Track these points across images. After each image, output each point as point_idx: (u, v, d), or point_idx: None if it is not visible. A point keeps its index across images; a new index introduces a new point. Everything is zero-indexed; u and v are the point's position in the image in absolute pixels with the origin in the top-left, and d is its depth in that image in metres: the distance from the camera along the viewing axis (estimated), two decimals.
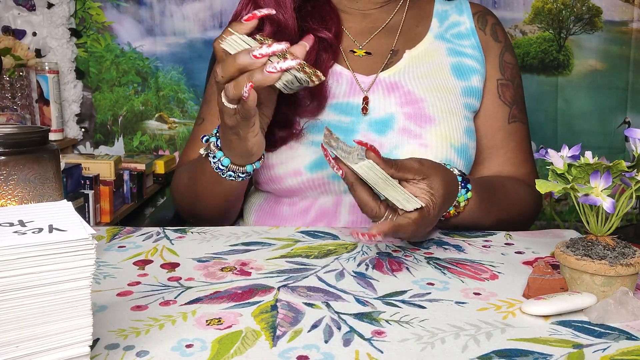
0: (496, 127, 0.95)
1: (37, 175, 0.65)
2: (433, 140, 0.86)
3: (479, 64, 0.95)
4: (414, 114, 0.88)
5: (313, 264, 0.68)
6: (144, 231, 0.80)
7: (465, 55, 0.95)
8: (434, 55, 0.94)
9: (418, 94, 0.90)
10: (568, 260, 0.56)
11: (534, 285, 0.57)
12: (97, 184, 1.76)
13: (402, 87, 0.90)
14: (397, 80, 0.91)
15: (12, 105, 1.85)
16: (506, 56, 0.98)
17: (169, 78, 2.09)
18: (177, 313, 0.54)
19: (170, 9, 2.05)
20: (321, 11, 0.93)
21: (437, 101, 0.89)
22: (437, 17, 0.99)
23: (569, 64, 2.02)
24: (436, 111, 0.88)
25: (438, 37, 0.97)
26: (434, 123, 0.87)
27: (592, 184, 0.55)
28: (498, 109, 0.96)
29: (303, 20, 0.90)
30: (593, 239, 0.58)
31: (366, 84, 0.91)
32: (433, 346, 0.48)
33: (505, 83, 0.97)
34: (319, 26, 0.90)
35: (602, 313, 0.53)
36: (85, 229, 0.42)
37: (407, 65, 0.93)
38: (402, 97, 0.89)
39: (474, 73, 0.94)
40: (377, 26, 0.96)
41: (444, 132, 0.87)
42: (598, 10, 1.99)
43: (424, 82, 0.91)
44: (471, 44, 0.96)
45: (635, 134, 0.57)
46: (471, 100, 0.93)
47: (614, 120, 2.04)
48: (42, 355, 0.41)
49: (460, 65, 0.94)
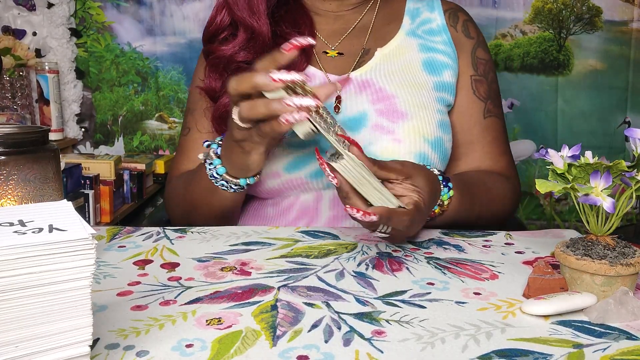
0: (472, 122, 0.97)
1: (37, 175, 0.66)
2: (406, 135, 0.87)
3: (450, 59, 0.96)
4: (386, 110, 0.89)
5: (313, 263, 0.68)
6: (144, 231, 0.80)
7: (436, 50, 0.96)
8: (405, 52, 0.95)
9: (389, 91, 0.91)
10: (568, 260, 0.56)
11: (534, 285, 0.57)
12: (97, 183, 1.76)
13: (374, 85, 0.92)
14: (369, 78, 0.92)
15: (12, 105, 1.85)
16: (479, 52, 0.99)
17: (169, 78, 2.09)
18: (177, 313, 0.54)
19: (170, 9, 2.05)
20: (294, 15, 0.95)
21: (409, 96, 0.90)
22: (409, 14, 1.00)
23: (569, 64, 2.02)
24: (408, 106, 0.89)
25: (409, 33, 0.98)
26: (407, 118, 0.88)
27: (592, 184, 0.55)
28: (473, 104, 0.97)
29: (276, 25, 0.92)
30: (593, 239, 0.58)
31: None
32: (433, 346, 0.48)
33: (479, 79, 0.98)
34: (292, 30, 0.92)
35: (602, 313, 0.53)
36: (85, 229, 0.42)
37: (379, 63, 0.94)
38: (374, 95, 0.90)
39: (446, 68, 0.95)
40: (349, 27, 0.98)
41: (416, 127, 0.88)
42: (598, 10, 1.99)
43: (395, 79, 0.92)
44: (443, 40, 0.97)
45: (635, 134, 0.57)
46: (444, 94, 0.94)
47: (614, 120, 2.04)
48: (42, 355, 0.41)
49: (432, 60, 0.95)
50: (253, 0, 0.90)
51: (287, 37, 0.89)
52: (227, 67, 0.91)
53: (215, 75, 0.92)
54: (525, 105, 2.02)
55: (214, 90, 0.93)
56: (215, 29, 0.94)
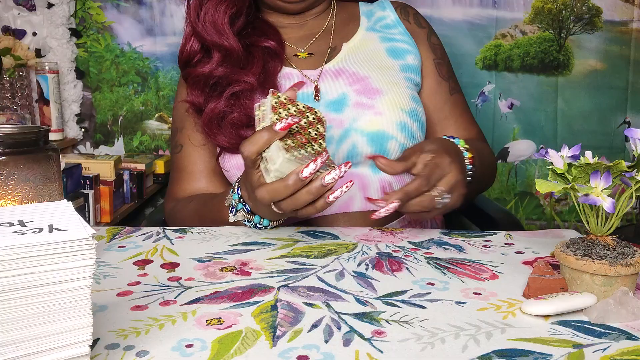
0: (442, 101, 1.06)
1: (37, 175, 0.66)
2: (385, 107, 0.95)
3: (410, 46, 1.06)
4: (363, 89, 0.97)
5: (313, 263, 0.68)
6: (144, 231, 0.80)
7: (396, 40, 1.06)
8: (368, 44, 1.05)
9: (362, 73, 0.99)
10: (568, 260, 0.56)
11: (534, 285, 0.57)
12: (97, 184, 1.76)
13: (347, 70, 1.00)
14: (342, 67, 1.01)
15: (12, 105, 1.85)
16: (432, 39, 1.10)
17: (169, 78, 2.08)
18: (177, 313, 0.54)
19: (170, 9, 2.05)
20: (262, 30, 1.03)
21: (380, 77, 0.99)
22: (364, 15, 1.10)
23: (569, 64, 2.02)
24: (381, 84, 0.98)
25: (369, 29, 1.08)
26: (382, 94, 0.97)
27: (592, 184, 0.55)
28: (440, 85, 1.07)
29: (246, 38, 1.01)
30: (593, 239, 0.58)
31: (314, 76, 1.00)
32: (433, 346, 0.48)
33: (439, 61, 1.08)
34: (261, 39, 1.01)
35: (603, 313, 0.53)
36: (85, 229, 0.42)
37: (347, 54, 1.03)
38: (349, 78, 0.99)
39: (408, 53, 1.05)
40: (314, 32, 1.07)
41: (392, 100, 0.96)
42: (598, 10, 1.99)
43: (365, 65, 1.01)
44: (399, 31, 1.08)
45: (635, 134, 0.57)
46: (410, 75, 1.03)
47: (614, 120, 2.04)
48: (42, 355, 0.41)
49: (394, 48, 1.05)
50: (218, 24, 0.98)
51: (257, 44, 1.00)
52: (207, 83, 0.98)
53: (197, 92, 0.99)
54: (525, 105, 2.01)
55: (199, 104, 0.99)
56: (187, 56, 1.02)
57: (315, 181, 0.68)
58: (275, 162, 0.67)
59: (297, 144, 0.69)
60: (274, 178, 0.68)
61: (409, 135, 0.95)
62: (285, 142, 0.68)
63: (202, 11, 0.99)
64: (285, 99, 0.71)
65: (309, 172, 0.66)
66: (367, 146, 0.93)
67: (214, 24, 0.98)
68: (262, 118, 0.71)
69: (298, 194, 0.68)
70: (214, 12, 0.98)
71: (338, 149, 0.94)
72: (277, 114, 0.69)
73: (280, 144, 0.67)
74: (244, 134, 0.93)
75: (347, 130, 0.94)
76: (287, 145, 0.68)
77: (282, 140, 0.68)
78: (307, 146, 0.70)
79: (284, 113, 0.70)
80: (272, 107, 0.69)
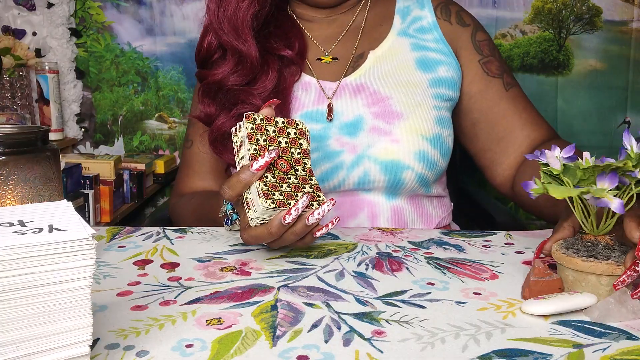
0: (496, 99, 0.96)
1: (37, 175, 0.66)
2: (403, 134, 0.89)
3: (444, 55, 0.97)
4: (381, 112, 0.90)
5: (313, 263, 0.68)
6: (144, 231, 0.80)
7: (428, 49, 0.97)
8: (397, 52, 0.96)
9: (384, 93, 0.92)
10: (573, 262, 0.56)
11: (536, 288, 0.57)
12: (97, 183, 1.76)
13: (368, 88, 0.93)
14: (363, 82, 0.93)
15: (12, 105, 1.85)
16: (478, 35, 1.00)
17: (169, 78, 2.08)
18: (177, 313, 0.54)
19: (170, 8, 2.05)
20: (284, 29, 0.97)
21: (403, 97, 0.91)
22: (399, 13, 1.00)
23: (569, 64, 2.02)
24: (403, 106, 0.90)
25: (401, 33, 0.98)
26: (402, 118, 0.89)
27: (599, 186, 0.55)
28: (489, 85, 0.97)
29: (265, 41, 0.94)
30: (592, 239, 0.58)
31: (332, 89, 0.94)
32: (433, 346, 0.48)
33: (487, 60, 0.98)
34: (282, 44, 0.94)
35: (604, 312, 0.53)
36: (85, 229, 0.42)
37: (372, 66, 0.95)
38: (369, 98, 0.92)
39: (440, 64, 0.96)
40: (342, 30, 0.99)
41: (413, 125, 0.89)
42: (598, 10, 1.99)
43: (389, 81, 0.93)
44: (434, 37, 0.98)
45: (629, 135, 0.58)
46: (441, 89, 0.94)
47: (614, 120, 2.04)
48: (42, 355, 0.41)
49: (425, 58, 0.96)
50: (238, 24, 0.91)
51: (275, 52, 0.93)
52: (219, 91, 0.93)
53: (208, 100, 0.95)
54: None
55: (209, 115, 0.94)
56: (205, 54, 0.96)
57: (299, 222, 0.65)
58: (257, 209, 0.65)
59: (278, 178, 0.67)
60: (257, 223, 0.66)
61: (427, 164, 0.89)
62: (265, 181, 0.65)
63: (223, 6, 0.91)
64: (262, 119, 0.69)
65: (291, 218, 0.64)
66: (380, 174, 0.89)
67: (232, 22, 0.91)
68: (240, 146, 0.68)
69: (284, 236, 0.67)
70: (234, 9, 0.90)
71: (349, 175, 0.89)
72: (255, 142, 0.67)
73: (260, 187, 0.65)
74: None
75: (360, 157, 0.89)
76: (268, 185, 0.65)
77: (262, 179, 0.65)
78: (290, 174, 0.68)
79: (262, 138, 0.68)
80: (247, 135, 0.67)
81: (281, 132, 0.70)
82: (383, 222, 0.92)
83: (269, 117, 0.70)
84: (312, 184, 0.69)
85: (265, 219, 0.65)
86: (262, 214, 0.65)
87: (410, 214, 0.93)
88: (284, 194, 0.66)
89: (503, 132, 0.96)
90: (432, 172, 0.91)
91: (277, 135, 0.69)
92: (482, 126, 0.97)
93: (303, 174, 0.69)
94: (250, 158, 0.66)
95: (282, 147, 0.69)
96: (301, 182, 0.68)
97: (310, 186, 0.69)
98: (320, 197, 0.68)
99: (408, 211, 0.93)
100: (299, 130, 0.71)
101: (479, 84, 0.97)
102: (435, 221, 0.96)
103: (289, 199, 0.66)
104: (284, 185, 0.67)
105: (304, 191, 0.68)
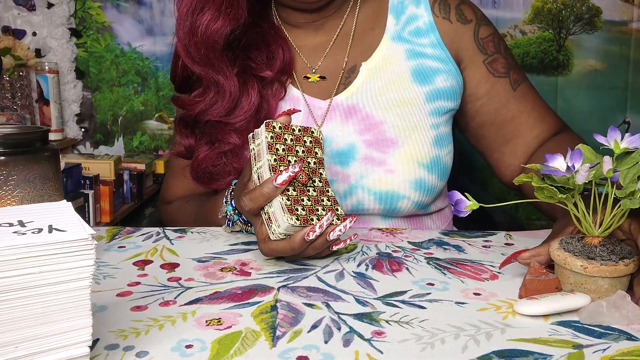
0: (504, 100, 0.92)
1: (37, 175, 0.65)
2: (399, 164, 0.85)
3: (441, 63, 0.90)
4: (374, 140, 0.86)
5: (313, 264, 0.68)
6: (144, 231, 0.80)
7: (425, 56, 0.90)
8: (392, 62, 0.90)
9: (377, 117, 0.87)
10: (574, 264, 0.55)
11: (531, 287, 0.57)
12: (97, 184, 1.76)
13: (360, 111, 0.87)
14: (355, 103, 0.88)
15: (12, 105, 1.85)
16: (481, 32, 0.93)
17: (169, 78, 2.09)
18: (176, 313, 0.54)
19: (170, 8, 2.05)
20: (266, 40, 0.90)
21: (398, 120, 0.87)
22: (393, 12, 0.92)
23: (568, 64, 2.02)
24: (397, 131, 0.86)
25: (395, 38, 0.91)
26: (397, 145, 0.86)
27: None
28: (497, 85, 0.92)
29: (244, 60, 0.87)
30: (589, 240, 0.57)
31: (322, 110, 0.89)
32: (433, 346, 0.48)
33: (492, 58, 0.93)
34: (263, 60, 0.88)
35: (593, 314, 0.52)
36: (85, 229, 0.42)
37: (365, 81, 0.89)
38: (361, 123, 0.87)
39: (438, 73, 0.90)
40: (330, 38, 0.92)
41: (409, 153, 0.86)
42: (598, 10, 1.99)
43: (382, 100, 0.87)
44: (431, 42, 0.91)
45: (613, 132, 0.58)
46: (439, 103, 0.89)
47: (614, 120, 2.04)
48: (42, 355, 0.41)
49: (421, 68, 0.90)
50: (210, 52, 0.83)
51: (256, 74, 0.87)
52: (197, 124, 0.89)
53: (186, 130, 0.90)
54: None
55: (190, 147, 0.90)
56: (181, 80, 0.91)
57: (320, 237, 0.65)
58: (280, 224, 0.65)
59: (298, 190, 0.67)
60: (278, 237, 0.66)
61: (424, 191, 0.86)
62: (287, 195, 0.66)
63: (191, 32, 0.82)
64: (280, 127, 0.68)
65: (314, 235, 0.64)
66: (374, 203, 0.86)
67: (205, 49, 0.82)
68: (258, 154, 0.68)
69: (306, 249, 0.67)
70: (204, 32, 0.82)
71: (342, 203, 0.86)
72: (274, 152, 0.67)
73: (283, 202, 0.65)
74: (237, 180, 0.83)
75: (353, 187, 0.86)
76: (290, 199, 0.65)
77: (284, 193, 0.66)
78: (309, 186, 0.68)
79: (281, 148, 0.68)
80: (267, 145, 0.67)
81: (298, 140, 0.70)
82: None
83: (286, 124, 0.69)
84: (329, 196, 0.70)
85: (287, 234, 0.66)
86: (286, 230, 0.65)
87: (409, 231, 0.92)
88: (306, 209, 0.66)
89: (512, 134, 0.93)
90: (429, 197, 0.88)
91: (295, 144, 0.69)
92: (489, 128, 0.94)
93: (320, 186, 0.70)
94: (270, 169, 0.66)
95: (300, 157, 0.69)
96: (319, 195, 0.69)
97: (327, 198, 0.69)
98: (338, 211, 0.69)
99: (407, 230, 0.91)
100: (314, 139, 0.71)
101: (486, 86, 0.92)
102: None
103: (311, 214, 0.66)
104: (305, 198, 0.67)
105: (323, 204, 0.68)
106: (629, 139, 0.57)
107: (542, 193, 0.58)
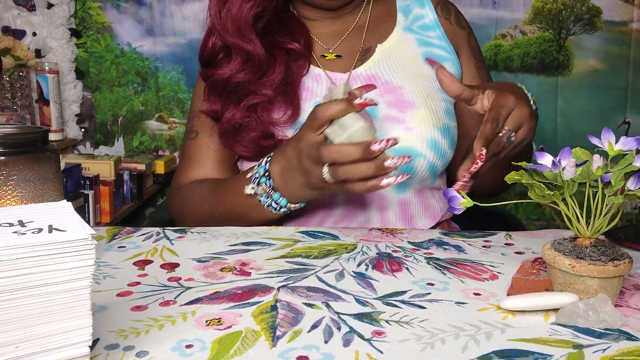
0: None
1: (37, 175, 0.66)
2: (416, 123, 0.91)
3: (447, 52, 1.00)
4: (394, 101, 0.92)
5: (313, 264, 0.68)
6: (144, 231, 0.80)
7: (433, 45, 1.00)
8: (404, 46, 0.99)
9: (396, 82, 0.94)
10: (563, 264, 0.55)
11: (517, 285, 0.57)
12: (97, 184, 1.76)
13: (380, 78, 0.95)
14: (374, 73, 0.96)
15: (12, 105, 1.85)
16: (472, 40, 1.04)
17: (169, 78, 2.09)
18: (177, 313, 0.54)
19: (170, 9, 2.05)
20: (288, 25, 0.98)
21: (415, 87, 0.94)
22: (401, 11, 1.03)
23: (568, 64, 2.02)
24: (415, 96, 0.93)
25: (406, 29, 1.01)
26: (415, 107, 0.92)
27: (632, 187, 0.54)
28: None
29: (271, 36, 0.95)
30: (581, 241, 0.57)
31: (344, 80, 0.96)
32: (433, 346, 0.48)
33: (480, 65, 1.03)
34: (287, 39, 0.95)
35: (570, 314, 0.52)
36: (85, 229, 0.42)
37: (381, 58, 0.97)
38: (382, 87, 0.93)
39: (445, 61, 0.99)
40: (346, 28, 1.01)
41: (425, 115, 0.91)
42: (598, 10, 1.99)
43: (399, 71, 0.95)
44: (437, 35, 1.01)
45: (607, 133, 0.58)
46: None
47: (614, 121, 2.04)
48: (42, 355, 0.41)
49: (431, 54, 0.99)
50: (241, 25, 0.92)
51: (282, 45, 0.94)
52: (225, 89, 0.94)
53: (214, 97, 0.95)
54: None
55: (216, 112, 0.95)
56: (210, 55, 0.97)
57: (379, 159, 0.69)
58: (352, 126, 0.69)
59: None
60: (343, 141, 0.70)
61: (438, 152, 0.91)
62: None
63: (225, 7, 0.92)
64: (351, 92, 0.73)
65: (378, 147, 0.68)
66: None
67: (236, 23, 0.92)
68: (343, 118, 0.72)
69: (360, 164, 0.70)
70: (238, 10, 0.91)
71: None
72: None
73: (356, 115, 0.70)
74: (264, 144, 0.90)
75: None
76: None
77: None
78: None
79: None
80: None
81: None
82: (391, 216, 0.93)
83: None
84: None
85: (352, 140, 0.70)
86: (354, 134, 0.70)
87: (417, 207, 0.95)
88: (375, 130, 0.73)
89: (467, 134, 0.99)
90: (441, 162, 0.93)
91: None
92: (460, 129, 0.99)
93: None
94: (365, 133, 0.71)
95: None
96: None
97: None
98: None
99: (414, 205, 0.95)
100: None
101: None
102: (439, 214, 0.98)
103: None
104: None
105: None
106: (624, 140, 0.57)
107: (533, 191, 0.58)
